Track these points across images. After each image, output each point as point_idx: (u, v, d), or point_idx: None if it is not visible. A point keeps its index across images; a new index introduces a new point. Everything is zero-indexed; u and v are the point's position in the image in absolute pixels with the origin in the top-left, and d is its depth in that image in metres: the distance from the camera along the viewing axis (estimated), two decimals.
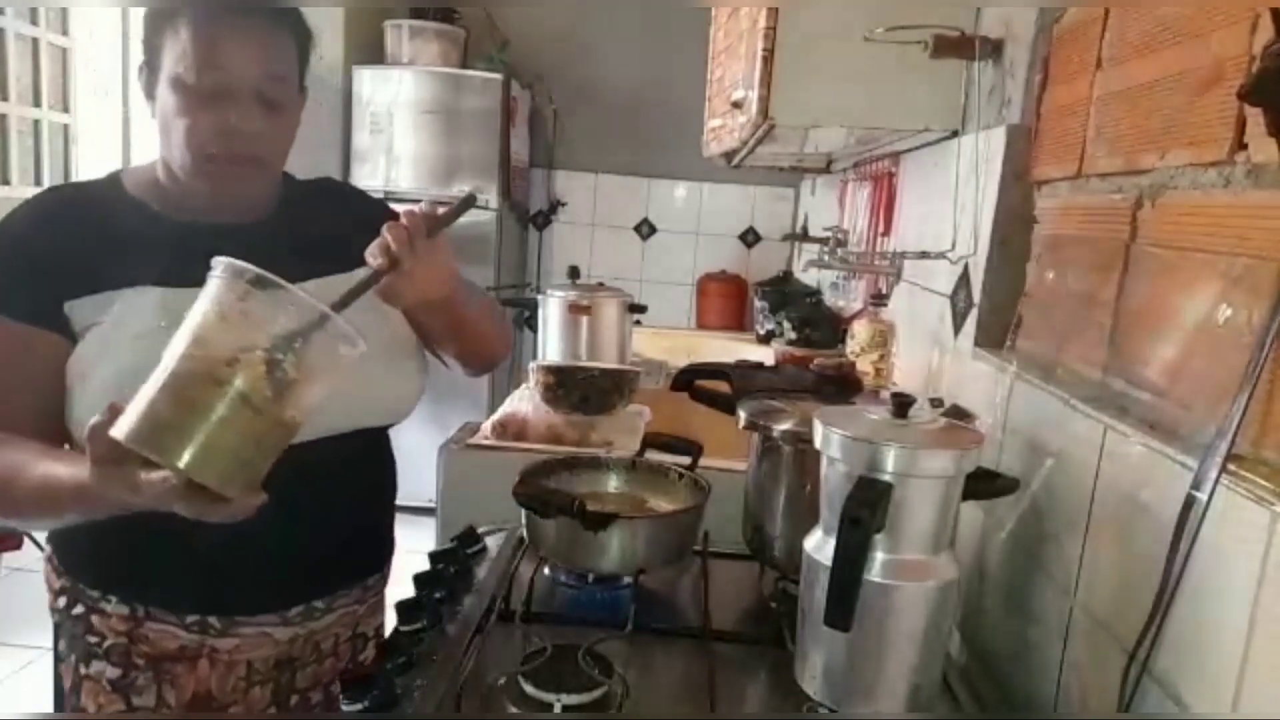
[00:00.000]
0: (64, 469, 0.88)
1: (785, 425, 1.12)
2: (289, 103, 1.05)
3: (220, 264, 0.80)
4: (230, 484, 0.78)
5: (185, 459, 0.76)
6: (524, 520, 1.19)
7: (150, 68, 1.03)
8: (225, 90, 0.99)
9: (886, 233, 2.03)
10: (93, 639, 1.07)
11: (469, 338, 1.19)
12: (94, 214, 1.05)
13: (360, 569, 1.19)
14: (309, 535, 1.09)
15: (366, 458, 1.18)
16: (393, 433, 1.22)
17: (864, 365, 1.76)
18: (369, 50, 3.61)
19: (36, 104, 2.98)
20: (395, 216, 1.14)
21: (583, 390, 1.86)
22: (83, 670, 1.07)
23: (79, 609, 1.07)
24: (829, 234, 2.56)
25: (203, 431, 0.76)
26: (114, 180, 1.09)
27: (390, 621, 1.10)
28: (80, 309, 0.99)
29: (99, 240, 1.01)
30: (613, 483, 1.33)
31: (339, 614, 1.16)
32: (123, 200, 1.06)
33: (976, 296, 1.33)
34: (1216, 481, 0.68)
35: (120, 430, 0.76)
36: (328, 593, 1.14)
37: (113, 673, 1.07)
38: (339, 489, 1.12)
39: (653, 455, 1.35)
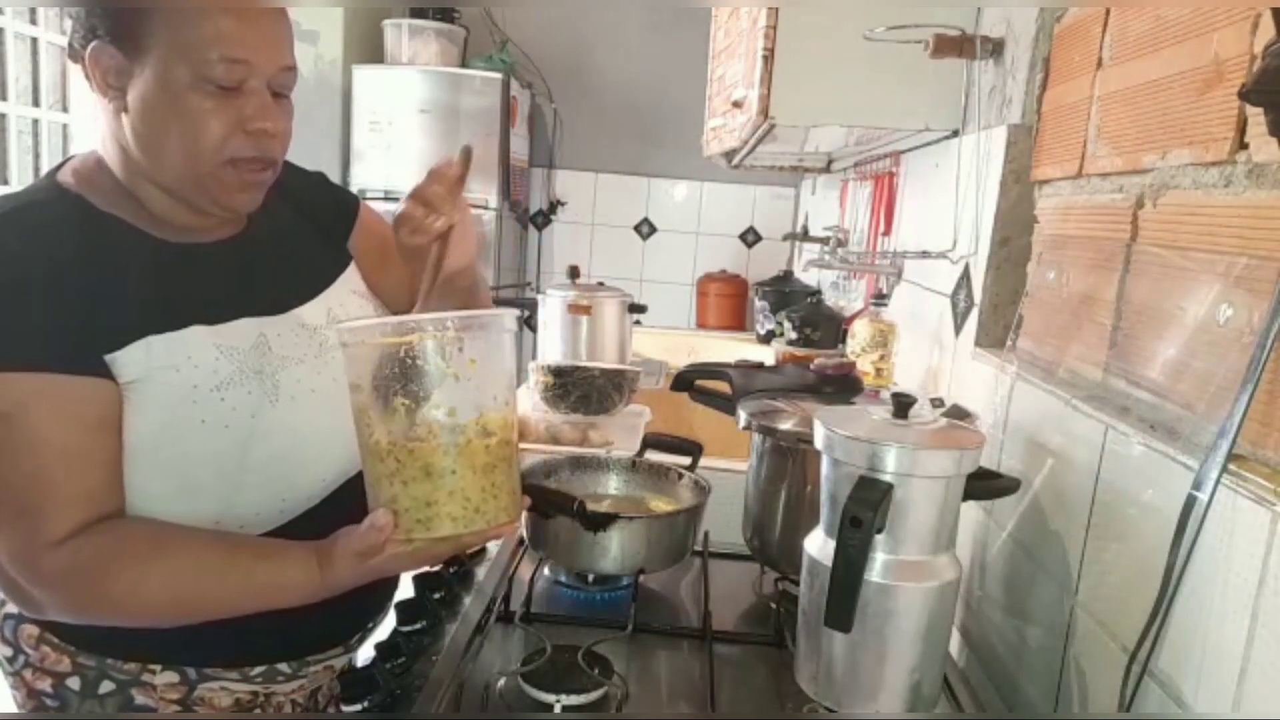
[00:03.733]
0: (283, 565, 0.87)
1: (785, 425, 1.12)
2: (290, 98, 0.95)
3: (366, 330, 0.83)
4: (516, 503, 0.87)
5: (504, 515, 0.84)
6: (524, 521, 1.19)
7: (124, 53, 0.86)
8: (244, 86, 0.88)
9: (887, 232, 2.03)
10: (136, 716, 0.98)
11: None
12: (84, 242, 0.88)
13: (396, 581, 1.13)
14: None
15: None
16: None
17: (864, 365, 1.76)
18: (368, 49, 3.61)
19: (36, 104, 2.98)
20: (326, 185, 1.16)
21: (583, 390, 1.86)
22: None
23: (107, 686, 0.95)
24: (829, 234, 2.56)
25: (499, 486, 0.83)
26: (63, 195, 0.91)
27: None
28: (121, 362, 0.86)
29: (108, 274, 0.87)
30: (613, 483, 1.33)
31: (376, 630, 1.12)
32: (101, 221, 0.90)
33: (977, 296, 1.32)
34: (1217, 482, 0.68)
35: (417, 532, 0.81)
36: (380, 611, 1.10)
37: None
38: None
39: (653, 455, 1.35)
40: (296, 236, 1.07)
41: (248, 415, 0.90)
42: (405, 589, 1.12)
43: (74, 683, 0.96)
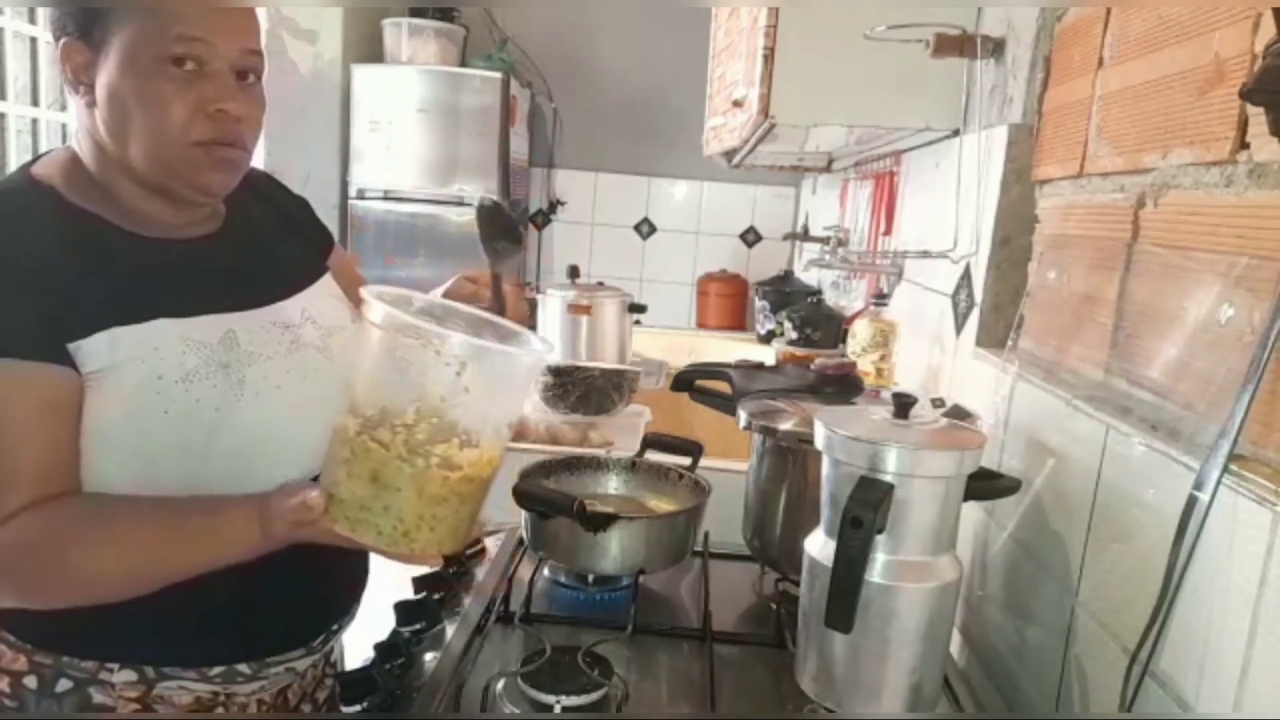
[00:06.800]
0: (226, 519, 0.86)
1: (786, 425, 1.12)
2: (260, 83, 0.95)
3: (378, 312, 0.76)
4: (457, 540, 0.81)
5: (432, 549, 0.78)
6: (524, 521, 1.19)
7: (90, 46, 0.88)
8: (205, 68, 0.88)
9: (888, 232, 2.03)
10: (93, 715, 0.96)
11: None
12: (52, 232, 0.88)
13: (362, 583, 1.13)
14: (330, 563, 1.00)
15: None
16: None
17: (865, 365, 1.76)
18: (368, 49, 3.60)
19: (35, 103, 2.98)
20: (310, 210, 1.18)
21: (583, 390, 1.85)
22: None
23: (64, 685, 0.94)
24: (830, 233, 2.56)
25: (440, 520, 0.78)
26: (34, 186, 0.92)
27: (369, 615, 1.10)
28: (85, 351, 0.86)
29: (74, 264, 0.87)
30: (613, 483, 1.33)
31: (343, 633, 1.12)
32: (72, 213, 0.90)
33: (978, 296, 1.32)
34: (1218, 482, 0.68)
35: (341, 526, 0.78)
36: (344, 614, 1.10)
37: None
38: None
39: (653, 455, 1.35)
40: (275, 238, 1.08)
41: (212, 408, 0.90)
42: (405, 589, 1.12)
43: (31, 681, 0.94)
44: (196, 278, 0.96)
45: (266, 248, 1.06)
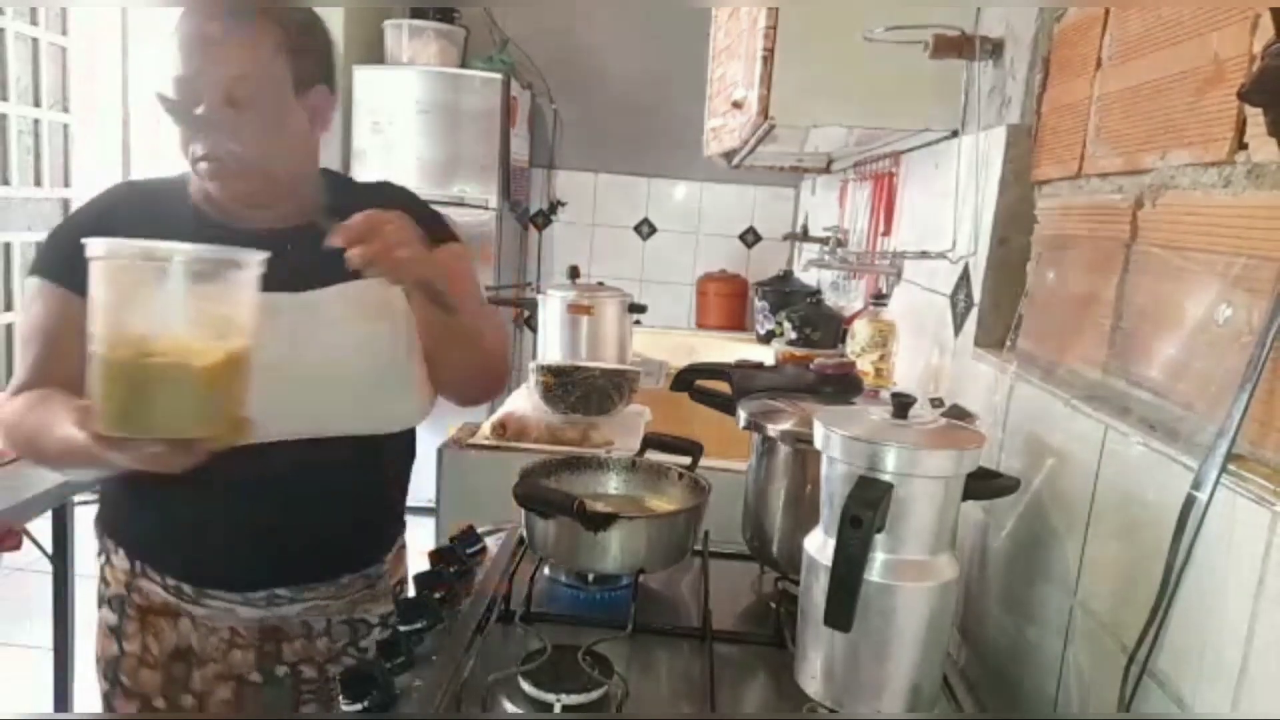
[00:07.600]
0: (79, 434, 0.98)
1: (785, 425, 1.12)
2: (263, 101, 1.07)
3: (95, 248, 0.88)
4: (211, 425, 0.89)
5: (167, 431, 0.88)
6: (524, 520, 1.19)
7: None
8: (193, 92, 1.05)
9: (887, 232, 2.03)
10: (104, 587, 1.21)
11: (468, 350, 1.20)
12: (152, 211, 1.12)
13: (334, 566, 1.22)
14: (275, 527, 1.15)
15: (357, 462, 1.19)
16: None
17: (864, 365, 1.76)
18: (369, 50, 3.61)
19: (36, 104, 2.98)
20: (443, 223, 1.26)
21: (583, 390, 1.86)
22: (96, 611, 1.23)
23: (102, 558, 1.22)
24: (829, 234, 2.56)
25: (160, 402, 0.87)
26: (180, 180, 1.17)
27: None
28: None
29: (142, 230, 1.01)
30: (613, 483, 1.33)
31: (308, 605, 1.20)
32: (179, 200, 1.15)
33: (977, 296, 1.33)
34: (1217, 481, 0.68)
35: (98, 425, 0.88)
36: (292, 583, 1.19)
37: (110, 618, 1.20)
38: (315, 488, 1.16)
39: (653, 455, 1.35)
40: None
41: None
42: (405, 588, 1.12)
43: (99, 549, 1.23)
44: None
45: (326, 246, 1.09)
